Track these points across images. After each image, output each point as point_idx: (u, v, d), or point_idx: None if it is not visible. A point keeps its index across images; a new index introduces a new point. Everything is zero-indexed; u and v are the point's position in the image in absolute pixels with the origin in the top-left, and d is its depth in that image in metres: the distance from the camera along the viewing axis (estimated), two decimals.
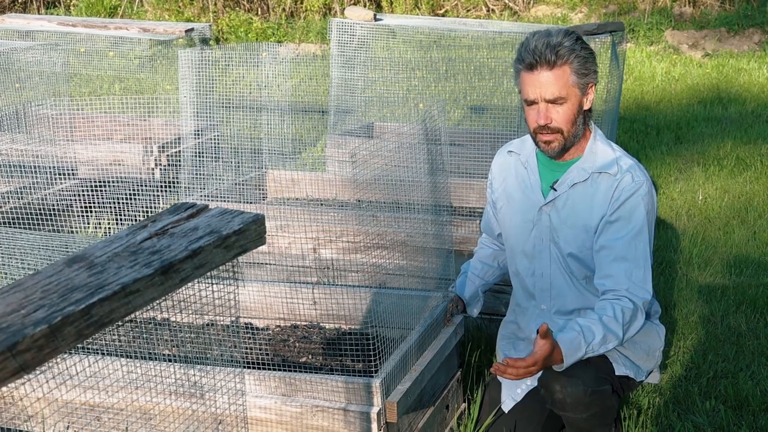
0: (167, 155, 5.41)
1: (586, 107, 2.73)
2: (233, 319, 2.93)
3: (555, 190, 2.79)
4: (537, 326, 2.90)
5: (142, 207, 4.76)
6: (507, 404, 2.91)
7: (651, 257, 2.76)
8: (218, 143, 5.43)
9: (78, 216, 4.63)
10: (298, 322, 3.31)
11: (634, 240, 2.68)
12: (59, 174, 4.62)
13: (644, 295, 2.67)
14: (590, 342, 2.55)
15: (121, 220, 4.63)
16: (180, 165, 4.99)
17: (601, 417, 2.68)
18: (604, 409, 2.67)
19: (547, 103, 2.66)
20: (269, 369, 2.68)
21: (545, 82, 2.63)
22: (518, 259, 2.92)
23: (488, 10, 14.07)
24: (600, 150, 2.77)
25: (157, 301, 1.30)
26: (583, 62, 2.66)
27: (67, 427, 2.58)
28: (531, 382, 2.87)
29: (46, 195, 4.55)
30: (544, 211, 2.81)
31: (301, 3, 14.16)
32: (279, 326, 3.31)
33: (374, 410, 2.45)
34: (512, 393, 2.91)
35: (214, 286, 1.63)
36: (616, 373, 2.75)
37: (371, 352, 2.62)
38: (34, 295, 1.17)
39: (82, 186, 4.68)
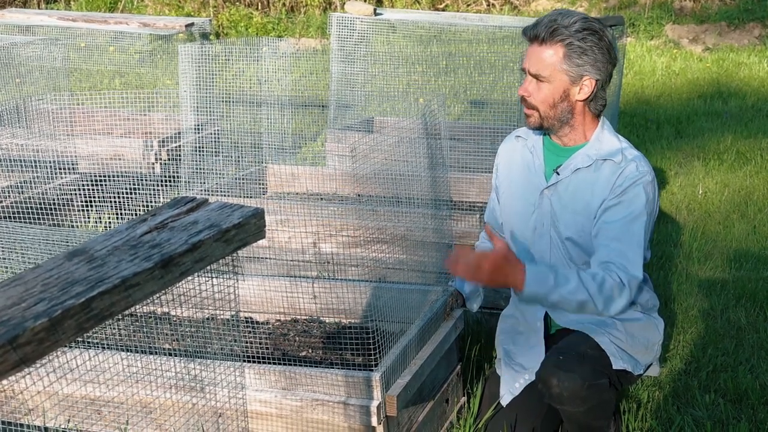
0: (167, 150, 5.41)
1: (577, 98, 2.71)
2: (233, 313, 2.94)
3: (558, 173, 2.79)
4: (538, 312, 2.90)
5: (143, 202, 4.76)
6: (505, 398, 2.92)
7: (648, 248, 2.77)
8: (218, 138, 5.43)
9: (78, 211, 4.64)
10: (298, 317, 3.32)
11: (631, 224, 2.67)
12: (59, 169, 4.62)
13: (635, 273, 2.64)
14: (559, 285, 2.53)
15: (121, 214, 4.63)
16: (180, 160, 4.99)
17: (598, 410, 2.68)
18: (602, 402, 2.68)
19: (531, 76, 2.70)
20: (269, 363, 2.69)
21: (534, 56, 2.69)
22: (518, 243, 2.92)
23: (488, 5, 14.06)
24: (606, 139, 2.79)
25: (157, 295, 1.31)
26: (580, 52, 2.65)
27: (68, 421, 2.58)
28: (529, 377, 2.88)
29: (46, 189, 4.55)
30: (545, 194, 2.82)
31: None
32: (279, 320, 3.32)
33: (374, 404, 2.46)
34: (510, 387, 2.92)
35: (214, 279, 1.64)
36: (614, 367, 2.75)
37: (371, 346, 2.62)
38: (34, 288, 1.18)
39: (82, 181, 4.68)
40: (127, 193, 4.68)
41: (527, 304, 2.96)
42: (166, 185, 4.91)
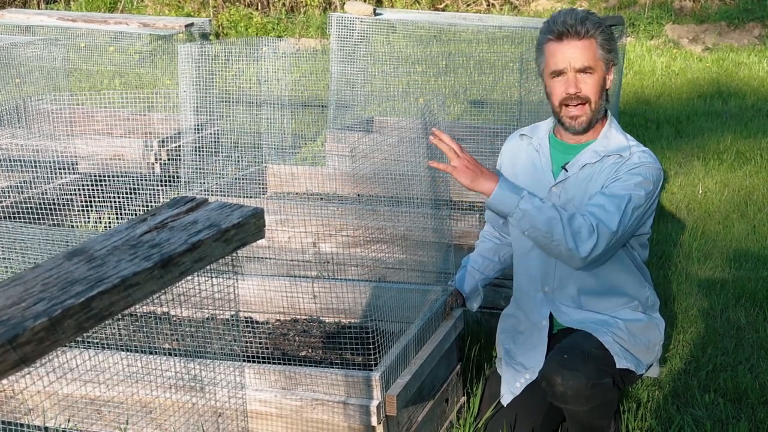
0: (167, 150, 5.41)
1: (607, 86, 2.77)
2: (233, 312, 2.94)
3: (566, 170, 2.80)
4: (542, 311, 2.90)
5: (142, 202, 4.76)
6: (506, 398, 2.92)
7: (645, 246, 2.80)
8: (218, 138, 5.43)
9: (78, 211, 4.64)
10: (298, 316, 3.32)
11: (620, 188, 2.67)
12: (59, 169, 4.62)
13: (608, 223, 2.59)
14: (532, 197, 2.57)
15: (121, 214, 4.63)
16: (180, 160, 5.00)
17: (601, 409, 2.68)
18: (605, 401, 2.68)
19: (576, 72, 2.70)
20: (269, 363, 2.69)
21: (575, 52, 2.69)
22: (524, 240, 2.92)
23: (488, 5, 14.06)
24: (614, 136, 2.80)
25: (157, 295, 1.31)
26: (608, 38, 2.72)
27: (67, 421, 2.59)
28: (530, 376, 2.88)
29: (46, 190, 4.55)
30: (553, 192, 2.82)
31: None
32: (279, 320, 3.32)
33: (374, 403, 2.46)
34: (511, 387, 2.92)
35: (214, 279, 1.64)
36: (617, 366, 2.75)
37: (371, 346, 2.62)
38: (34, 288, 1.18)
39: (82, 181, 4.68)
40: (126, 194, 4.68)
41: (527, 297, 2.94)
42: (165, 185, 4.91)
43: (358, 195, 4.73)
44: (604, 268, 2.82)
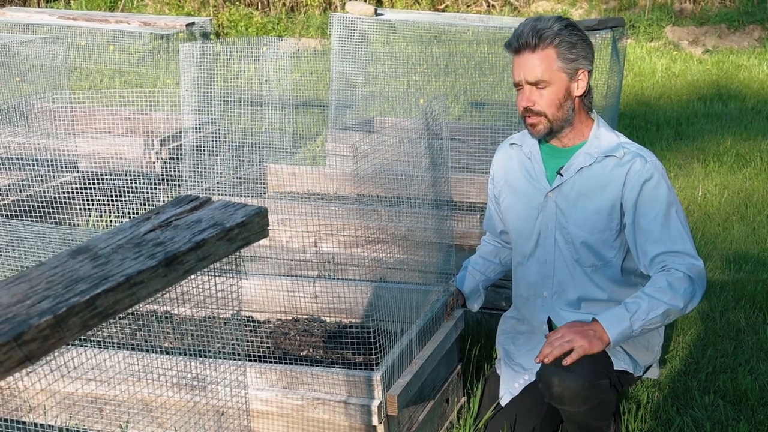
0: (168, 149, 5.41)
1: (577, 93, 2.74)
2: (235, 311, 2.94)
3: (561, 175, 2.80)
4: (541, 316, 2.91)
5: (143, 201, 4.76)
6: (505, 399, 2.92)
7: (687, 225, 2.78)
8: (219, 137, 5.43)
9: (79, 209, 4.64)
10: (299, 316, 3.32)
11: (667, 216, 2.70)
12: (60, 167, 4.62)
13: (691, 261, 2.68)
14: (634, 311, 2.56)
15: (121, 213, 4.63)
16: (181, 159, 5.00)
17: (599, 410, 2.68)
18: (602, 402, 2.68)
19: (530, 85, 2.70)
20: (270, 362, 2.69)
21: (528, 65, 2.68)
22: (523, 246, 2.93)
23: (488, 6, 14.06)
24: (604, 136, 2.80)
25: (161, 293, 1.31)
26: (570, 47, 2.68)
27: (69, 419, 2.59)
28: (528, 377, 2.89)
29: (47, 188, 4.55)
30: (550, 197, 2.82)
31: None
32: (280, 319, 3.32)
33: (375, 403, 2.46)
34: (510, 387, 2.92)
35: (217, 278, 1.64)
36: (615, 368, 2.76)
37: (372, 346, 2.63)
38: (39, 285, 1.18)
39: (83, 179, 4.68)
40: (127, 192, 4.68)
41: (527, 302, 2.96)
42: (166, 184, 4.91)
43: (359, 195, 4.73)
44: (607, 279, 2.83)
